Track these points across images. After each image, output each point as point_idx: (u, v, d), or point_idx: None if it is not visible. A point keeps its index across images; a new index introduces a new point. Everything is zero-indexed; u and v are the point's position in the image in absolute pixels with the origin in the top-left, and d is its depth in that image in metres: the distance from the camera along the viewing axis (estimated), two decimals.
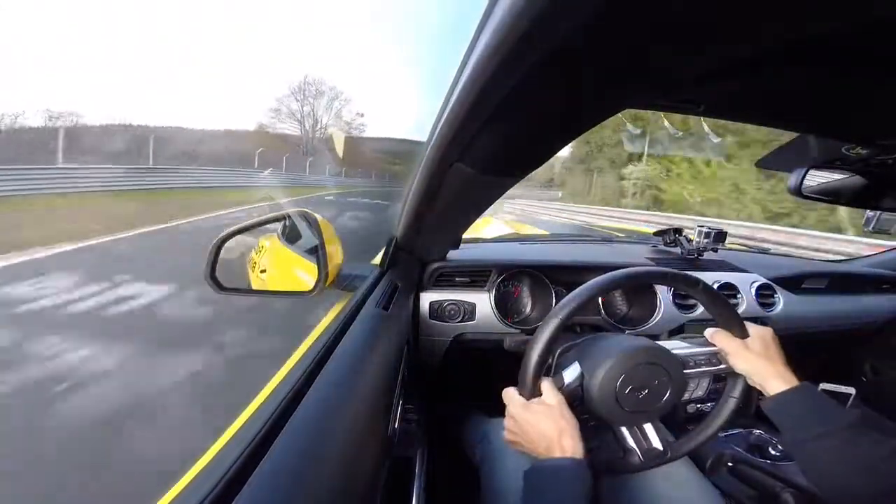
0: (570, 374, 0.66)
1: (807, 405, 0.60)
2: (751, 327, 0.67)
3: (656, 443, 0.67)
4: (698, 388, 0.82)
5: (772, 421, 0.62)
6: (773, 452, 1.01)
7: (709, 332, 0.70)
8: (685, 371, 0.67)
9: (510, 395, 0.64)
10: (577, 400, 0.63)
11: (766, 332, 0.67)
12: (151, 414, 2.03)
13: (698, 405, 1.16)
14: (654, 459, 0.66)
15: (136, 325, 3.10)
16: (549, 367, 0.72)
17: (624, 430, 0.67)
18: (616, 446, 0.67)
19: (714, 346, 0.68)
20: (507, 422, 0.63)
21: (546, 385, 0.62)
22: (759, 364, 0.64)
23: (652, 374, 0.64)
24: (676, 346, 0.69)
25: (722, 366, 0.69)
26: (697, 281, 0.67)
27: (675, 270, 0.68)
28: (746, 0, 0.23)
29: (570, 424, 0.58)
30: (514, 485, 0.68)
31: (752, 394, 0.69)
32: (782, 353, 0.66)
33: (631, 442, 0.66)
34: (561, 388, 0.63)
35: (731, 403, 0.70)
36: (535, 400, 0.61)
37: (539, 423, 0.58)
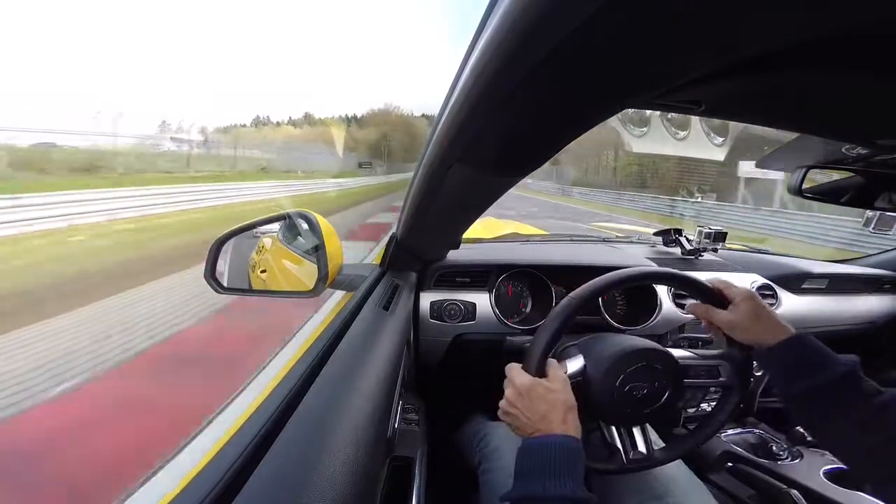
0: (574, 365, 0.66)
1: (799, 357, 0.58)
2: (734, 291, 0.65)
3: (641, 447, 0.67)
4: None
5: (767, 373, 0.61)
6: (773, 452, 1.02)
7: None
8: (685, 380, 0.67)
9: (515, 370, 0.61)
10: (575, 392, 0.64)
11: (748, 291, 0.65)
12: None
13: (699, 405, 1.17)
14: (637, 463, 0.67)
15: None
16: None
17: (613, 429, 0.67)
18: (602, 446, 0.68)
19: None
20: (507, 396, 0.60)
21: (553, 365, 0.61)
22: (747, 321, 0.62)
23: (652, 376, 0.65)
24: (681, 356, 0.69)
25: (721, 379, 0.69)
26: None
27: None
28: (747, 0, 0.23)
29: (573, 404, 0.57)
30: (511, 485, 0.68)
31: (752, 400, 0.69)
32: (768, 308, 0.63)
33: (618, 443, 0.67)
34: (563, 374, 0.63)
35: (720, 417, 0.70)
36: (540, 380, 0.59)
37: (543, 400, 0.56)
